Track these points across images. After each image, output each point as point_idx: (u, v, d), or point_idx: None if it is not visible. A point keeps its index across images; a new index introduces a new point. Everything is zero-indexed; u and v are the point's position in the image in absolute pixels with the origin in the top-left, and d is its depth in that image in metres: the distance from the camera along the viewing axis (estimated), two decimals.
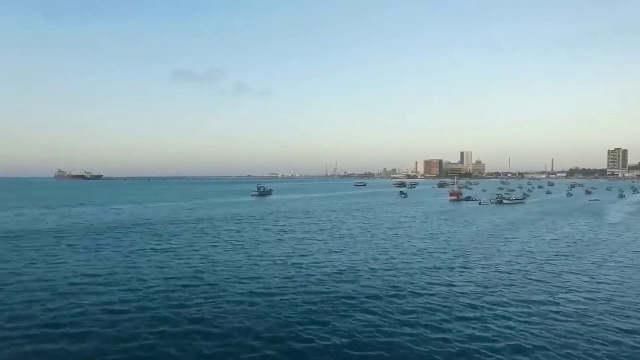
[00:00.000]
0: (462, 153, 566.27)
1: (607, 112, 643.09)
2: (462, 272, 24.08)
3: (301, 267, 25.26)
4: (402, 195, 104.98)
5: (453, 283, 21.52)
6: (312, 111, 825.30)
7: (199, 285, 21.07)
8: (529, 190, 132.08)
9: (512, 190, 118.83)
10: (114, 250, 30.67)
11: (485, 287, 20.82)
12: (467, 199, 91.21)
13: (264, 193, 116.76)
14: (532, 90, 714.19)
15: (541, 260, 27.38)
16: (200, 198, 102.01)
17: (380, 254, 29.34)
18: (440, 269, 24.88)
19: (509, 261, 27.01)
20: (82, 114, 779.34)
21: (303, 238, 37.02)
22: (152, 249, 31.49)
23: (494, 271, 24.25)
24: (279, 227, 44.23)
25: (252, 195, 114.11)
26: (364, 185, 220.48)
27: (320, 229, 43.02)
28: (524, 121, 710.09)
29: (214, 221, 50.39)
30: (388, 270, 24.51)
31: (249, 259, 27.63)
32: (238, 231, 41.41)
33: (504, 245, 33.35)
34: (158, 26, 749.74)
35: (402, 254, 29.57)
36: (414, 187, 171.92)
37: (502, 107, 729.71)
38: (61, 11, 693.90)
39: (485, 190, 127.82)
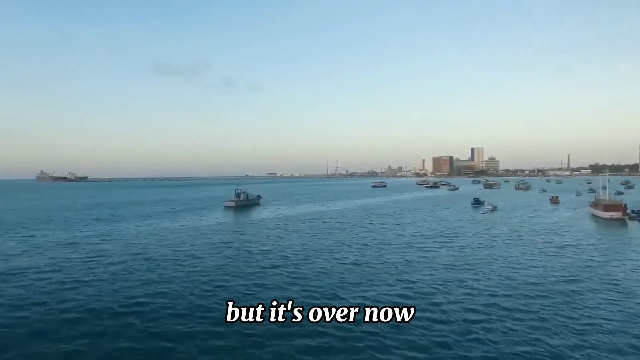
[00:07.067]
0: (472, 149, 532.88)
1: (630, 105, 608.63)
2: None
3: None
4: (489, 208, 59.98)
5: None
6: (312, 109, 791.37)
7: None
8: (619, 193, 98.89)
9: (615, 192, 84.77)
10: None
11: None
12: None
13: (245, 203, 70.87)
14: (543, 85, 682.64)
15: None
16: (124, 220, 48.99)
17: None
18: None
19: None
20: (68, 114, 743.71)
21: None
22: None
23: None
24: None
25: (226, 206, 67.49)
26: (385, 186, 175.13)
27: None
28: (536, 116, 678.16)
29: None
30: None
31: None
32: None
33: None
34: (138, 20, 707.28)
35: None
36: (457, 189, 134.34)
37: (510, 103, 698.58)
38: (36, 10, 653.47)
39: (578, 195, 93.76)
